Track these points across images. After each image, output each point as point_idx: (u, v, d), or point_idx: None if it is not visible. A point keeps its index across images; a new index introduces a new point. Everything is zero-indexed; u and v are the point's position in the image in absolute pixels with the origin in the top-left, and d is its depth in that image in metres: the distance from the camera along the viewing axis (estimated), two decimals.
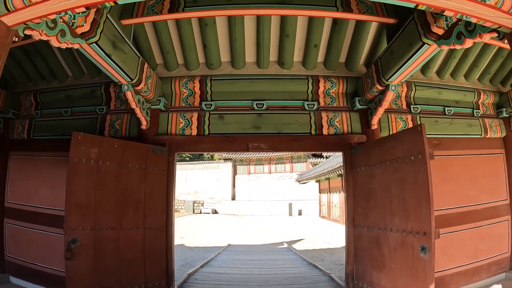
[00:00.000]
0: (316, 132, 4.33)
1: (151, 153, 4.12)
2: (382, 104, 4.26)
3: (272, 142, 4.22)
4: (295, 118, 4.38)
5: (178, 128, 4.35)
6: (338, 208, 15.81)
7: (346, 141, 4.33)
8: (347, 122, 4.51)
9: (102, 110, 5.05)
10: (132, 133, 4.63)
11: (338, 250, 10.75)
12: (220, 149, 4.31)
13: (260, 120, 4.35)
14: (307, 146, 4.29)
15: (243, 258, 7.64)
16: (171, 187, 4.14)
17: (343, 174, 4.39)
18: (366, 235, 3.99)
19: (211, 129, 4.31)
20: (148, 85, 4.25)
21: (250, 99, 4.47)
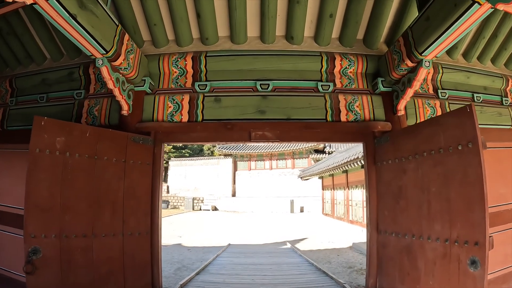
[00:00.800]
0: (333, 118, 3.59)
1: (133, 143, 3.39)
2: (412, 84, 3.54)
3: (279, 130, 3.48)
4: (307, 102, 3.63)
5: (166, 113, 3.61)
6: (343, 206, 15.13)
7: (368, 130, 3.59)
8: (369, 107, 3.77)
9: (80, 95, 4.38)
10: (112, 121, 3.91)
11: (344, 250, 10.09)
12: (215, 138, 3.55)
13: (265, 104, 3.61)
14: (322, 135, 3.54)
15: (244, 261, 6.93)
16: (156, 184, 3.41)
17: (364, 169, 3.66)
18: (394, 243, 3.27)
19: (206, 114, 3.55)
20: (129, 61, 3.52)
21: (253, 79, 3.72)
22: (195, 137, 3.49)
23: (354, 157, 10.35)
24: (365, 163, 3.63)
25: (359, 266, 7.88)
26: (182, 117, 3.54)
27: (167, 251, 10.30)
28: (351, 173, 14.01)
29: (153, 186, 3.38)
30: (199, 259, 8.94)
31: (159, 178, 3.41)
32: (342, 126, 3.53)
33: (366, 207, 3.60)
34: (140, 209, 3.31)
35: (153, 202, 3.37)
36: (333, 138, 3.56)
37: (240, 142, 3.45)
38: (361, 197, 12.67)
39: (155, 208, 3.37)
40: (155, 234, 3.37)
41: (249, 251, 9.10)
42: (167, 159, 37.29)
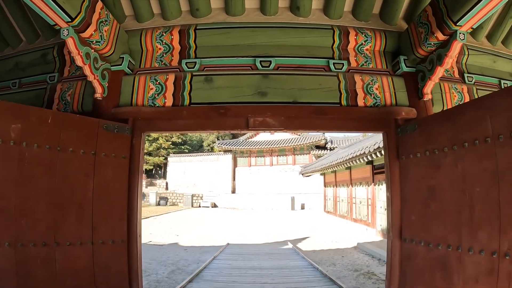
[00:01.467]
0: (348, 102, 2.97)
1: (105, 132, 2.79)
2: (443, 62, 2.94)
3: (284, 116, 2.86)
4: (318, 82, 3.00)
5: (147, 96, 3.00)
6: (346, 204, 14.55)
7: (389, 117, 2.99)
8: (390, 90, 3.16)
9: (53, 78, 3.83)
10: (86, 107, 3.31)
11: (349, 251, 9.54)
12: (205, 126, 2.92)
13: (266, 84, 2.99)
14: (335, 123, 2.91)
15: (243, 265, 6.36)
16: (135, 183, 2.81)
17: (385, 165, 3.06)
18: (424, 254, 2.69)
19: (194, 97, 2.93)
20: (103, 33, 2.93)
21: (252, 56, 3.10)
22: (181, 124, 2.86)
23: (361, 152, 9.75)
24: (386, 158, 3.03)
25: (366, 269, 7.32)
26: (165, 100, 2.92)
27: (163, 251, 9.77)
28: (354, 170, 13.41)
29: (130, 185, 2.78)
30: (196, 260, 8.40)
31: (138, 175, 2.81)
32: (359, 112, 2.91)
33: (387, 210, 3.01)
34: (114, 213, 2.71)
35: (130, 204, 2.77)
36: (348, 126, 2.93)
37: (235, 131, 2.85)
38: (365, 195, 12.10)
39: (133, 211, 2.77)
40: (133, 242, 2.77)
41: (248, 252, 8.54)
42: (166, 155, 36.74)
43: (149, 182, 35.47)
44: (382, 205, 10.45)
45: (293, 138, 31.92)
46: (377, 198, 10.99)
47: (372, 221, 11.32)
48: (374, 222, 11.11)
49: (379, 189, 10.82)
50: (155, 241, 11.52)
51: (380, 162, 10.69)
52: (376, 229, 10.88)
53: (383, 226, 10.27)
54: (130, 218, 2.77)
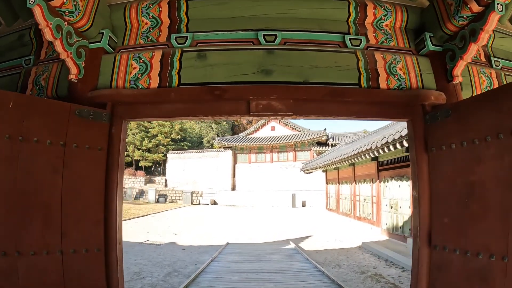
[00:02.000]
0: (369, 83, 2.49)
1: (78, 119, 2.33)
2: (478, 37, 2.48)
3: (292, 99, 2.38)
4: (333, 59, 2.53)
5: (129, 77, 2.53)
6: (349, 201, 14.12)
7: (416, 101, 2.52)
8: (415, 71, 2.69)
9: (29, 62, 3.40)
10: (61, 92, 2.86)
11: (353, 251, 9.12)
12: (197, 111, 2.42)
13: (271, 61, 2.51)
14: (354, 108, 2.42)
15: (243, 267, 5.93)
16: (113, 179, 2.34)
17: (410, 158, 2.59)
18: (460, 264, 2.24)
19: (184, 77, 2.46)
20: (78, 3, 2.47)
21: (254, 29, 2.61)
22: (168, 110, 2.39)
23: (367, 147, 9.29)
24: (411, 151, 2.57)
25: (373, 271, 6.90)
26: (150, 81, 2.45)
27: (159, 251, 9.36)
28: (358, 166, 12.98)
29: (107, 182, 2.32)
30: (194, 261, 7.98)
31: (118, 170, 2.34)
32: (382, 95, 2.44)
33: (413, 211, 2.55)
34: (87, 215, 2.26)
35: (108, 205, 2.31)
36: (368, 112, 2.46)
37: (234, 117, 2.38)
38: (370, 192, 11.66)
39: (111, 214, 2.31)
40: (111, 251, 2.31)
41: (249, 252, 8.12)
42: (165, 151, 36.29)
43: (148, 179, 35.07)
44: (388, 203, 10.04)
45: (294, 135, 31.48)
46: (382, 195, 10.55)
47: (377, 219, 10.90)
48: (379, 221, 10.69)
49: (385, 187, 10.38)
50: (152, 240, 11.11)
51: (386, 158, 10.26)
52: (381, 228, 10.45)
53: (389, 225, 9.86)
54: (108, 221, 2.31)
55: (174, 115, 2.41)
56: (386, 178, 10.32)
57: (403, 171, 9.06)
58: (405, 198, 8.94)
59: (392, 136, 7.13)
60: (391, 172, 9.93)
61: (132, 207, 23.60)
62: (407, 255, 7.53)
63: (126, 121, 2.48)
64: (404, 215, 8.94)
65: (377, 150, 8.43)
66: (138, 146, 35.87)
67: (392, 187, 9.84)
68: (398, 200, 9.39)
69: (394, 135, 6.99)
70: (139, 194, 31.97)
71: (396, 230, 9.36)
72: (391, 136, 7.20)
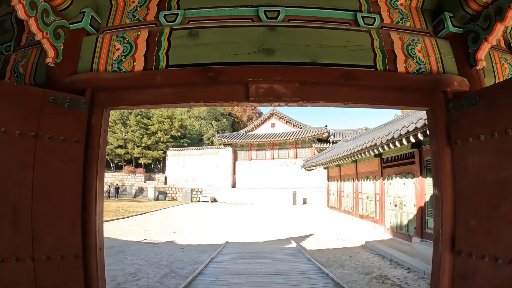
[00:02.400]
0: (386, 65, 2.19)
1: (52, 107, 2.03)
2: (505, 16, 2.19)
3: (298, 82, 2.06)
4: (344, 38, 2.22)
5: (111, 59, 2.23)
6: (351, 199, 13.85)
7: (437, 87, 2.22)
8: (435, 55, 2.39)
9: (9, 48, 3.13)
10: (39, 79, 2.58)
11: (357, 250, 8.85)
12: (188, 97, 2.11)
13: (273, 38, 2.20)
14: (370, 94, 2.14)
15: (242, 269, 5.66)
16: (93, 175, 2.05)
17: (431, 152, 2.30)
18: (489, 272, 1.95)
19: (173, 57, 2.16)
20: None
21: (253, 5, 2.29)
22: (154, 95, 2.08)
23: (372, 143, 8.99)
24: (432, 143, 2.27)
25: (378, 272, 6.62)
26: (134, 63, 2.15)
27: (157, 250, 9.10)
28: (361, 163, 12.69)
29: (86, 179, 2.02)
30: (192, 262, 7.71)
31: (98, 166, 2.05)
32: (400, 79, 2.13)
33: (434, 212, 2.26)
34: (63, 217, 1.97)
35: (86, 205, 2.02)
36: (385, 98, 2.15)
37: (229, 103, 2.07)
38: (373, 190, 11.38)
39: (91, 215, 2.02)
40: (91, 257, 2.02)
41: (249, 252, 7.85)
42: (165, 149, 36.02)
43: (148, 177, 34.83)
44: (392, 201, 9.76)
45: (294, 131, 31.19)
46: (386, 193, 10.27)
47: (380, 218, 10.62)
48: (383, 219, 10.41)
49: (389, 184, 10.10)
50: (150, 239, 10.85)
51: (390, 155, 9.97)
52: (385, 226, 10.18)
53: (393, 223, 9.59)
54: (87, 224, 2.02)
55: (161, 102, 2.11)
56: (390, 175, 10.03)
57: (408, 168, 8.78)
58: (410, 196, 8.66)
59: (398, 131, 6.83)
60: (395, 169, 9.64)
61: (131, 204, 23.38)
62: (412, 255, 7.26)
63: (108, 109, 2.18)
64: (409, 213, 8.66)
65: (382, 146, 8.14)
66: (138, 143, 35.60)
67: (396, 185, 9.56)
68: (402, 198, 9.11)
69: (401, 130, 6.69)
70: (138, 192, 31.75)
71: (401, 229, 9.09)
72: (397, 132, 6.91)
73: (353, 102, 2.10)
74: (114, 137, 35.44)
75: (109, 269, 6.85)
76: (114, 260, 7.61)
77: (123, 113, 36.79)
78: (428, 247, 7.26)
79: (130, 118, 36.18)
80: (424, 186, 7.95)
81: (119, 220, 14.99)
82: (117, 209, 19.45)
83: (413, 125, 6.01)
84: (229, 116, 51.24)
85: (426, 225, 7.72)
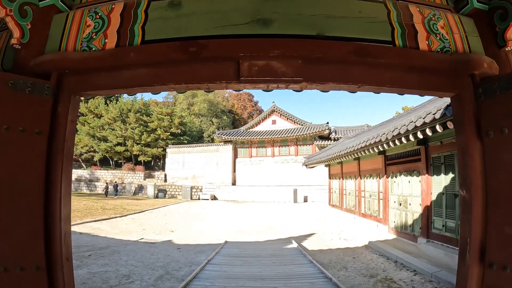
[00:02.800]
0: (405, 41, 1.85)
1: (11, 92, 1.71)
2: None
3: (301, 58, 1.72)
4: (356, 9, 1.87)
5: (81, 38, 1.91)
6: (354, 197, 13.53)
7: (465, 69, 1.89)
8: (460, 32, 2.06)
9: None
10: (7, 64, 2.27)
11: (360, 251, 8.54)
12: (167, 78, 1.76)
13: (270, 7, 1.85)
14: (386, 74, 1.81)
15: (240, 272, 5.35)
16: (57, 173, 1.73)
17: (457, 146, 1.97)
18: None
19: (150, 31, 1.83)
20: None
21: None
22: (127, 77, 1.74)
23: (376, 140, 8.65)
24: (458, 134, 1.95)
25: (383, 274, 6.31)
26: (106, 40, 1.82)
27: (153, 250, 8.80)
28: (364, 161, 12.36)
29: (49, 178, 1.71)
30: (188, 263, 7.42)
31: (63, 162, 1.73)
32: (423, 58, 1.80)
33: (462, 216, 1.94)
34: (21, 222, 1.65)
35: (50, 208, 1.70)
36: (405, 81, 1.81)
37: (216, 85, 1.72)
38: (376, 188, 11.05)
39: (55, 219, 1.70)
40: (56, 269, 1.71)
41: (248, 252, 7.55)
42: (165, 146, 35.72)
43: (148, 174, 34.56)
44: (396, 199, 9.44)
45: (295, 128, 30.86)
46: (390, 191, 9.95)
47: (384, 217, 10.30)
48: (386, 218, 10.09)
49: (393, 182, 9.77)
50: (146, 239, 10.58)
51: (394, 152, 9.65)
52: (389, 225, 9.87)
53: (397, 222, 9.27)
54: (51, 230, 1.70)
55: (136, 85, 1.78)
56: (394, 173, 9.70)
57: (414, 166, 8.45)
58: (415, 195, 8.34)
59: (405, 126, 6.50)
60: (400, 167, 9.31)
61: (130, 202, 23.13)
62: (418, 256, 6.96)
63: (77, 96, 1.86)
64: (414, 212, 8.34)
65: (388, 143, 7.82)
66: (137, 141, 35.30)
67: (401, 183, 9.23)
68: (407, 196, 8.78)
69: (408, 126, 6.35)
70: (138, 190, 31.50)
71: (405, 228, 8.78)
72: (404, 127, 6.57)
73: (368, 84, 1.77)
74: (113, 134, 35.15)
75: (102, 270, 6.57)
76: (108, 261, 7.33)
77: (123, 110, 36.47)
78: (434, 248, 6.95)
79: (129, 115, 35.88)
80: (430, 184, 7.63)
81: (117, 219, 14.72)
82: (115, 207, 19.19)
83: (422, 120, 5.68)
84: (230, 113, 50.91)
85: (433, 225, 7.40)
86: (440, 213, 7.11)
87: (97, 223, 13.10)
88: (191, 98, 49.16)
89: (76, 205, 18.22)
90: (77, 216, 14.07)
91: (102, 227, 12.34)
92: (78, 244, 9.14)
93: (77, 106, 1.90)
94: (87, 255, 7.84)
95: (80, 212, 15.72)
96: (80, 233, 10.77)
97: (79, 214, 15.01)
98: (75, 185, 32.99)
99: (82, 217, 14.18)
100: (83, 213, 15.52)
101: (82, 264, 7.01)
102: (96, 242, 9.60)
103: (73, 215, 14.34)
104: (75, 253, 8.15)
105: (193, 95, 48.93)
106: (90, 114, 37.12)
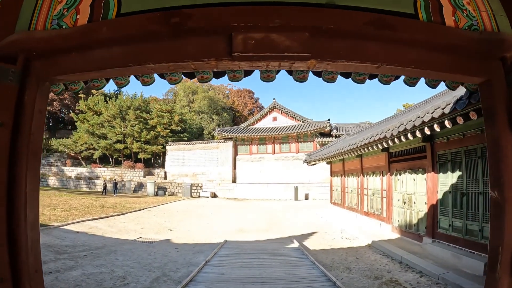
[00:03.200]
0: (430, 15, 1.60)
1: None
2: None
3: (309, 30, 1.42)
4: None
5: (51, 15, 1.65)
6: (356, 195, 13.29)
7: (496, 50, 1.64)
8: (487, 10, 1.80)
9: None
10: None
11: (363, 251, 8.31)
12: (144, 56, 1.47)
13: None
14: (408, 51, 1.51)
15: (239, 274, 5.13)
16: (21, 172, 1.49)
17: (487, 140, 1.72)
18: None
19: (127, 2, 1.55)
20: None
21: None
22: (100, 58, 1.46)
23: (381, 136, 8.40)
24: (488, 126, 1.69)
25: (388, 276, 6.08)
26: (77, 16, 1.57)
27: (151, 250, 8.56)
28: (366, 158, 12.12)
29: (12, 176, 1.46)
30: (186, 263, 7.19)
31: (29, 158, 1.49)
32: (450, 34, 1.54)
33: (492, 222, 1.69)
34: None
35: (13, 212, 1.46)
36: (431, 61, 1.53)
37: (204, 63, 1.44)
38: (380, 186, 10.81)
39: (19, 225, 1.46)
40: (23, 282, 1.47)
41: (248, 252, 7.33)
42: (165, 143, 35.50)
43: (147, 172, 34.38)
44: (400, 198, 9.19)
45: (296, 125, 30.60)
46: (394, 189, 9.70)
47: (387, 215, 10.06)
48: (390, 217, 9.85)
49: (397, 180, 9.52)
50: (144, 238, 10.36)
51: (398, 149, 9.40)
52: (392, 224, 9.63)
53: (401, 221, 9.03)
54: (16, 238, 1.46)
55: (110, 66, 1.51)
56: (398, 170, 9.45)
57: (419, 163, 8.19)
58: (420, 193, 8.10)
59: (412, 122, 6.24)
60: (404, 164, 9.06)
61: (129, 200, 22.94)
62: (424, 257, 6.72)
63: (46, 83, 1.61)
64: (419, 211, 8.10)
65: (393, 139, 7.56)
66: (137, 138, 35.08)
67: (405, 181, 8.98)
68: (412, 194, 8.54)
69: (415, 121, 6.09)
70: (137, 187, 31.33)
71: (410, 228, 8.54)
72: (410, 123, 6.31)
73: (388, 64, 1.50)
74: (113, 131, 34.92)
75: (97, 271, 6.34)
76: (104, 262, 7.11)
77: (122, 107, 36.22)
78: (440, 248, 6.72)
79: (129, 113, 35.63)
80: (436, 182, 7.38)
81: (115, 217, 14.51)
82: (114, 205, 18.99)
83: (430, 115, 5.42)
84: (230, 110, 50.63)
85: (439, 225, 7.16)
86: (446, 212, 6.87)
87: (95, 222, 12.89)
88: (191, 95, 48.87)
89: (75, 203, 18.03)
90: (75, 215, 13.87)
91: (99, 226, 12.13)
92: (74, 243, 8.92)
93: (46, 95, 1.65)
94: (82, 255, 7.62)
95: (78, 210, 15.52)
96: (76, 232, 10.56)
97: (77, 212, 14.82)
98: (74, 183, 32.83)
99: (80, 215, 13.98)
100: (82, 211, 15.32)
101: (76, 265, 6.79)
102: (93, 242, 9.37)
103: (71, 213, 14.19)
104: (71, 253, 7.94)
105: (194, 92, 48.65)
106: (90, 112, 36.90)
